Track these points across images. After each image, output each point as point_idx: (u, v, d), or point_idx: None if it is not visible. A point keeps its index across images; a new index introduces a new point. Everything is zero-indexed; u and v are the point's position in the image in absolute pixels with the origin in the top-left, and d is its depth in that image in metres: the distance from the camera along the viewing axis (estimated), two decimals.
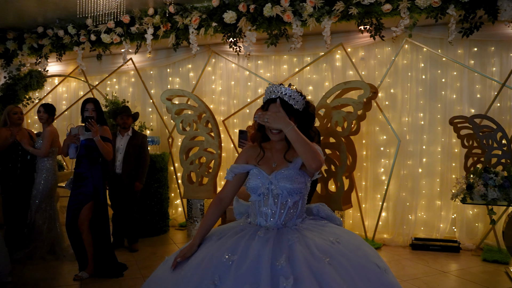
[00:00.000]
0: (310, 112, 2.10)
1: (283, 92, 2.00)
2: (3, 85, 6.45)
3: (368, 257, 1.83)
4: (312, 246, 1.80)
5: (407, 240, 5.21)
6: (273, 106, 2.00)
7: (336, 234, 1.92)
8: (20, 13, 6.19)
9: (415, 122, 5.31)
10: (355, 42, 5.51)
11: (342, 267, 1.71)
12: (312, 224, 2.04)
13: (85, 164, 4.01)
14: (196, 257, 1.90)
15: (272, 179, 2.01)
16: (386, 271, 1.81)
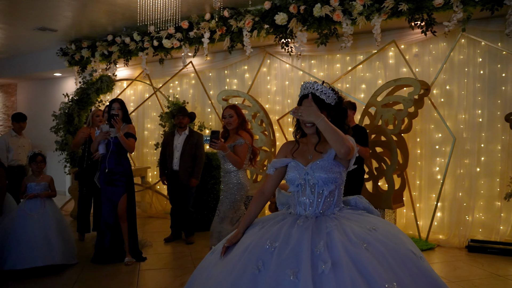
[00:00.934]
0: (343, 107, 2.20)
1: (315, 88, 2.13)
2: (78, 90, 7.11)
3: (404, 244, 1.89)
4: (349, 232, 1.89)
5: (463, 242, 5.03)
6: (306, 101, 2.13)
7: (372, 223, 2.00)
8: (93, 24, 6.81)
9: (472, 120, 5.10)
10: (408, 39, 5.40)
11: (379, 252, 1.78)
12: (350, 213, 2.13)
13: (114, 160, 4.42)
14: (240, 244, 2.06)
15: (308, 170, 2.12)
16: (422, 258, 1.86)
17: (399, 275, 1.70)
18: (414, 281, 1.72)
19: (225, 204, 3.92)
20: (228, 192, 3.93)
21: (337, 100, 2.17)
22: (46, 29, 6.92)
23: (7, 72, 9.35)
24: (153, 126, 7.62)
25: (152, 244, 5.29)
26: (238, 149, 3.89)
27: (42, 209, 4.23)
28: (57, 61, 8.00)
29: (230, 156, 3.82)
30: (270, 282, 1.72)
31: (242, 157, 3.88)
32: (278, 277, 1.73)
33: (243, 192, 3.96)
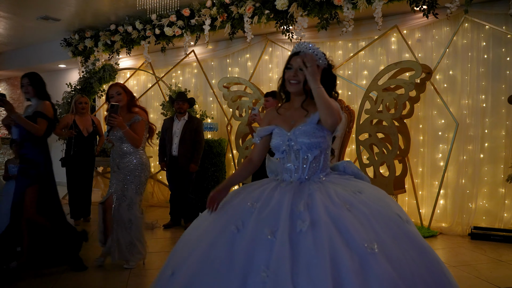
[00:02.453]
0: (332, 73, 2.16)
1: (308, 48, 2.08)
2: (81, 79, 7.13)
3: (390, 207, 1.84)
4: (332, 194, 1.85)
5: (467, 229, 4.93)
6: (295, 58, 2.08)
7: (359, 187, 1.95)
8: (96, 13, 6.81)
9: (476, 105, 4.99)
10: (410, 24, 5.32)
11: (362, 213, 1.73)
12: (337, 178, 2.08)
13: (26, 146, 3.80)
14: (223, 206, 2.02)
15: (291, 136, 2.08)
16: (408, 222, 1.80)
17: (381, 236, 1.64)
18: (396, 243, 1.65)
19: (130, 189, 3.66)
20: (131, 175, 3.66)
21: (326, 66, 2.12)
22: (49, 18, 6.94)
23: (13, 64, 9.42)
24: (156, 116, 7.61)
25: (161, 226, 5.41)
26: (136, 127, 3.62)
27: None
28: (61, 53, 8.02)
29: (128, 134, 3.54)
30: (247, 240, 1.69)
31: (141, 135, 3.65)
32: (256, 235, 1.69)
33: (147, 173, 3.77)
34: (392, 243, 1.64)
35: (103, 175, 7.33)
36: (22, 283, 3.40)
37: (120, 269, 3.78)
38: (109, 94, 3.68)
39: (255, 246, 1.65)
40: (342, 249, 1.56)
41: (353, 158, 5.69)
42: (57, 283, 3.42)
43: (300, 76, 2.08)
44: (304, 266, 1.52)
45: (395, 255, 1.60)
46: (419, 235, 1.78)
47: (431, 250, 1.73)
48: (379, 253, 1.57)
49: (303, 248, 1.59)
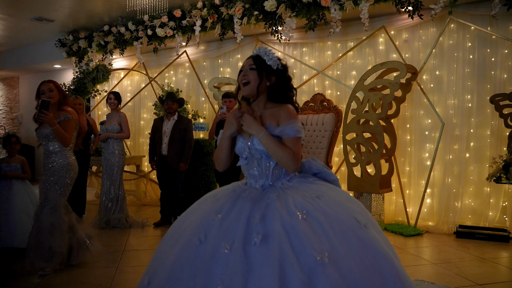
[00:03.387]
0: (287, 75, 2.18)
1: (261, 50, 2.16)
2: (75, 79, 7.20)
3: (348, 212, 1.83)
4: (290, 202, 1.83)
5: (452, 228, 4.98)
6: (248, 61, 2.14)
7: (319, 191, 1.94)
8: (90, 14, 6.88)
9: (461, 105, 5.05)
10: (398, 24, 5.39)
11: (317, 221, 1.73)
12: (299, 181, 2.06)
13: None
14: (191, 216, 2.03)
15: (250, 144, 2.08)
16: (366, 226, 1.78)
17: (334, 245, 1.65)
18: (350, 251, 1.65)
19: (53, 190, 3.53)
20: (55, 176, 3.53)
21: (279, 67, 2.14)
22: (43, 19, 7.01)
23: (9, 64, 9.51)
24: (149, 116, 7.68)
25: (151, 224, 5.49)
26: (66, 125, 3.51)
27: (7, 190, 4.25)
28: (56, 53, 8.11)
29: (58, 132, 3.42)
30: (207, 253, 1.71)
31: (70, 133, 3.54)
32: (215, 249, 1.71)
33: (73, 174, 3.63)
34: (345, 252, 1.65)
35: (97, 174, 7.39)
36: (8, 278, 3.47)
37: (106, 265, 3.85)
38: (40, 90, 3.56)
39: (214, 259, 1.68)
40: (292, 261, 1.57)
41: (340, 157, 5.75)
42: (43, 280, 3.48)
43: (250, 76, 2.10)
44: (255, 279, 1.55)
45: (346, 264, 1.60)
46: (377, 238, 1.77)
47: (386, 254, 1.72)
48: (329, 263, 1.58)
49: (255, 262, 1.61)
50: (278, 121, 2.07)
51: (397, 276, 1.66)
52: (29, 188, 4.43)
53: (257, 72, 2.09)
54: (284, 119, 2.05)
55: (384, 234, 1.94)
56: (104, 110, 7.96)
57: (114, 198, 5.37)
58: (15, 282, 3.42)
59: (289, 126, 2.02)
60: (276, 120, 2.08)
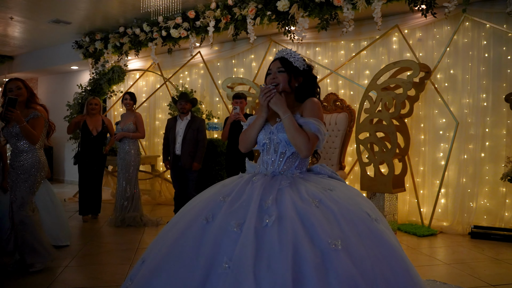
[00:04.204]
0: (312, 74, 2.28)
1: (286, 52, 2.25)
2: (91, 80, 7.33)
3: (359, 205, 1.86)
4: (302, 190, 1.88)
5: (467, 228, 4.93)
6: (274, 64, 2.22)
7: (331, 185, 1.98)
8: (105, 16, 6.99)
9: (476, 104, 4.99)
10: (411, 23, 5.34)
11: (329, 210, 1.76)
12: (311, 175, 2.12)
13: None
14: (197, 199, 2.07)
15: (273, 130, 2.17)
16: (377, 220, 1.81)
17: (346, 233, 1.66)
18: (361, 241, 1.67)
19: (23, 188, 3.54)
20: (25, 173, 3.54)
21: (306, 67, 2.23)
22: (60, 21, 7.15)
23: (28, 66, 9.72)
24: (164, 116, 7.76)
25: (165, 223, 5.53)
26: (34, 122, 3.50)
27: None
28: (73, 54, 8.26)
29: (25, 129, 3.39)
30: (215, 231, 1.72)
31: (39, 131, 3.53)
32: (223, 227, 1.72)
33: (43, 173, 3.66)
34: (357, 241, 1.66)
35: (113, 174, 7.51)
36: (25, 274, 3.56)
37: (120, 262, 3.92)
38: (7, 88, 3.52)
39: (222, 237, 1.68)
40: (305, 244, 1.58)
41: (354, 157, 5.73)
42: (59, 275, 3.56)
43: (280, 78, 2.18)
44: (266, 259, 1.55)
45: (358, 253, 1.61)
46: (387, 233, 1.79)
47: (397, 248, 1.74)
48: (342, 249, 1.59)
49: (267, 241, 1.62)
50: (303, 113, 2.15)
51: (406, 270, 1.69)
52: (49, 187, 4.53)
53: (287, 73, 2.19)
54: (309, 112, 2.14)
55: (393, 232, 1.95)
56: (120, 110, 8.08)
57: (130, 197, 5.47)
58: (32, 278, 3.51)
59: (314, 122, 2.09)
60: (302, 111, 2.16)
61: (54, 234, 4.31)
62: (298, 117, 2.15)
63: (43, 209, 4.30)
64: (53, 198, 4.51)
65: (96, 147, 5.72)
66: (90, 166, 5.73)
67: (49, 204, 4.42)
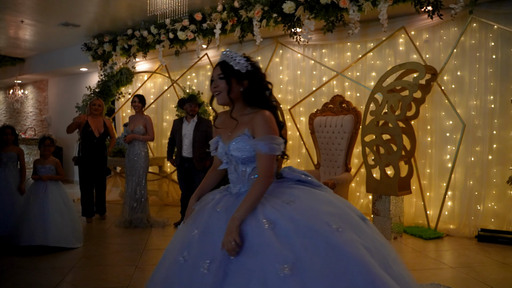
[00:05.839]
0: (259, 74, 2.10)
1: (225, 55, 2.07)
2: (100, 82, 7.41)
3: (320, 216, 1.79)
4: (259, 213, 1.84)
5: (474, 231, 4.89)
6: (215, 70, 2.07)
7: (293, 196, 1.92)
8: (114, 18, 7.06)
9: (484, 106, 4.94)
10: (418, 25, 5.32)
11: (284, 231, 1.73)
12: (275, 187, 2.03)
13: None
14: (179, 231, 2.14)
15: (227, 149, 2.06)
16: (340, 230, 1.73)
17: (300, 254, 1.64)
18: (317, 259, 1.63)
19: None
20: None
21: (249, 68, 2.06)
22: (69, 24, 7.24)
23: (38, 68, 9.85)
24: (172, 118, 7.79)
25: (171, 224, 5.62)
26: None
27: (43, 191, 4.42)
28: (82, 56, 8.34)
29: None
30: (188, 273, 1.78)
31: None
32: (195, 267, 1.77)
33: None
34: (311, 260, 1.63)
35: (121, 175, 7.58)
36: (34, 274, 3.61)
37: (126, 263, 3.97)
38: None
39: (195, 278, 1.76)
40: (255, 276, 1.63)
41: (360, 159, 5.72)
42: (66, 276, 3.61)
43: (221, 85, 2.03)
44: None
45: (312, 273, 1.59)
46: (350, 243, 1.70)
47: (360, 259, 1.65)
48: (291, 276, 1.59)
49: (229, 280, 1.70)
50: (253, 130, 2.00)
51: (371, 281, 1.60)
52: (62, 189, 4.62)
53: (226, 80, 2.02)
54: (259, 132, 1.98)
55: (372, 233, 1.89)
56: (128, 112, 8.15)
57: (139, 199, 5.50)
58: (39, 277, 3.56)
59: (263, 142, 1.95)
60: (252, 128, 2.01)
61: (66, 236, 4.39)
62: (246, 138, 2.00)
63: (55, 211, 4.38)
64: (65, 199, 4.60)
65: (99, 148, 5.76)
66: (92, 168, 5.76)
67: (61, 205, 4.51)
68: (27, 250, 4.19)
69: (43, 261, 3.99)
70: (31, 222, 4.28)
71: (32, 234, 4.22)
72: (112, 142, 6.01)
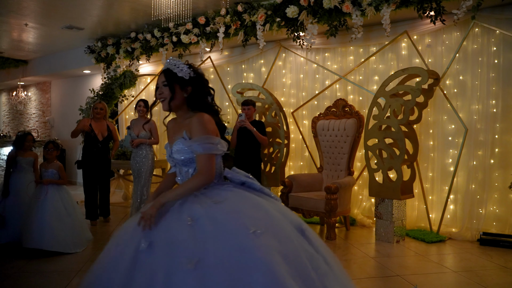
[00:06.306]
0: (202, 81, 2.19)
1: (169, 63, 2.17)
2: (103, 85, 7.45)
3: (241, 218, 1.82)
4: (184, 210, 1.90)
5: (476, 235, 4.92)
6: (160, 77, 2.17)
7: (224, 197, 1.96)
8: (117, 22, 7.10)
9: (486, 110, 4.98)
10: (420, 29, 5.35)
11: (202, 228, 1.78)
12: (214, 188, 2.07)
13: None
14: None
15: (170, 152, 2.17)
16: (257, 234, 1.74)
17: (208, 252, 1.69)
18: (223, 258, 1.67)
19: None
20: None
21: (192, 75, 2.16)
22: (73, 27, 7.28)
23: (41, 70, 9.89)
24: None
25: None
26: None
27: (44, 195, 4.44)
28: (86, 59, 8.38)
29: None
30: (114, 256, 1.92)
31: None
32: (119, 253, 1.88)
33: None
34: (218, 259, 1.67)
35: (124, 177, 7.61)
36: (40, 278, 3.65)
37: None
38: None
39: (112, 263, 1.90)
40: (162, 267, 1.70)
41: (363, 163, 5.75)
42: (74, 279, 3.65)
43: (165, 92, 2.13)
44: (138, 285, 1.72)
45: (214, 276, 1.63)
46: (263, 248, 1.71)
47: (268, 264, 1.65)
48: (194, 270, 1.64)
49: (138, 267, 1.76)
50: (190, 132, 2.09)
51: (271, 286, 1.61)
52: (63, 193, 4.61)
53: (169, 87, 2.12)
54: (195, 133, 2.06)
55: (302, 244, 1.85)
56: (131, 114, 8.19)
57: (144, 200, 5.56)
58: (45, 282, 3.60)
59: (197, 143, 2.03)
60: (189, 130, 2.09)
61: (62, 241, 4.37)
62: (183, 141, 2.10)
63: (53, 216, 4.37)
64: (66, 204, 4.58)
65: (102, 151, 5.78)
66: (96, 171, 5.79)
67: (61, 210, 4.49)
68: (34, 253, 4.23)
69: (49, 264, 4.03)
70: (31, 226, 4.31)
71: (30, 237, 4.26)
72: (116, 145, 6.04)
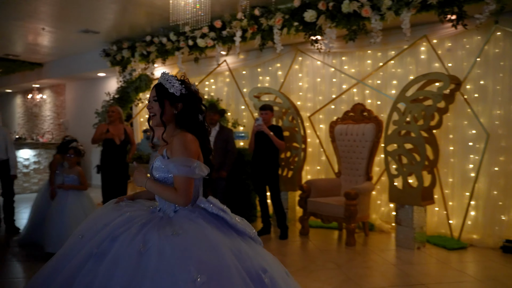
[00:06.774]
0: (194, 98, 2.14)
1: (162, 77, 2.12)
2: (119, 88, 7.47)
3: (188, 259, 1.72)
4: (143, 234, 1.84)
5: (498, 242, 4.86)
6: (151, 92, 2.14)
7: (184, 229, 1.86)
8: (132, 25, 7.12)
9: (508, 115, 4.91)
10: (440, 33, 5.29)
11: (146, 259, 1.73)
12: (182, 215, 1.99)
13: None
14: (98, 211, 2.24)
15: (151, 167, 2.15)
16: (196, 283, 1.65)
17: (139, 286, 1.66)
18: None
19: None
20: None
21: (183, 92, 2.09)
22: (89, 31, 7.31)
23: (56, 73, 9.97)
24: None
25: None
26: None
27: (64, 200, 4.49)
28: (101, 62, 8.42)
29: None
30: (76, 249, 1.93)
31: None
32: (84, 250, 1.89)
33: None
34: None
35: None
36: None
37: None
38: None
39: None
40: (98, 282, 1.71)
41: (381, 167, 5.71)
42: None
43: (155, 108, 2.09)
44: None
45: None
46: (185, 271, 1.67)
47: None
48: None
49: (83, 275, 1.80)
50: (171, 152, 2.03)
51: None
52: (84, 199, 4.64)
53: (159, 103, 2.08)
54: (174, 153, 2.00)
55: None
56: (146, 117, 8.21)
57: None
58: None
59: (174, 164, 1.97)
60: (170, 149, 2.04)
61: None
62: (162, 159, 2.06)
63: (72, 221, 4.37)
64: (86, 210, 4.58)
65: (120, 155, 5.78)
66: (114, 174, 5.79)
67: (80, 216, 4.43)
68: None
69: None
70: (51, 231, 4.37)
71: (50, 242, 4.31)
72: (133, 149, 6.05)
